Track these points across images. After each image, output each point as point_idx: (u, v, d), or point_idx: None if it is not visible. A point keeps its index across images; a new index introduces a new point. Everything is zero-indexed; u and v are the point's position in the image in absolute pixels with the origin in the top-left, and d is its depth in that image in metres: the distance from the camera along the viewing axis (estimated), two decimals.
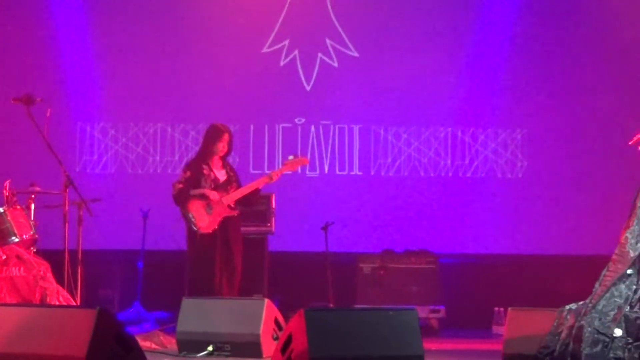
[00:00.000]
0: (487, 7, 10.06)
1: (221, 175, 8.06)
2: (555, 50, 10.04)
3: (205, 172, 7.99)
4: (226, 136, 8.08)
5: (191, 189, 7.95)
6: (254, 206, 8.34)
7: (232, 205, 7.98)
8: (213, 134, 8.10)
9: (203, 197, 7.94)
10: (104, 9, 9.99)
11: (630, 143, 5.96)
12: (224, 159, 8.16)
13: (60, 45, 9.93)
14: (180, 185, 7.98)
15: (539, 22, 10.05)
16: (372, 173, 10.14)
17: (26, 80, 9.32)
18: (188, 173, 8.02)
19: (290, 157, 8.32)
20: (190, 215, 7.94)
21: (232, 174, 8.15)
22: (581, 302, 5.59)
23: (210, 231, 7.90)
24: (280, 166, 8.29)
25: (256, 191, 8.11)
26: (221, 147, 8.06)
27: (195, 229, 7.92)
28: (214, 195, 7.93)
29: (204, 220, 7.92)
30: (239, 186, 8.08)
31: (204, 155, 8.11)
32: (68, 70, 9.92)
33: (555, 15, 10.04)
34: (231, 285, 7.96)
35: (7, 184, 7.31)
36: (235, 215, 8.01)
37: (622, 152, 6.26)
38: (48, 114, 7.45)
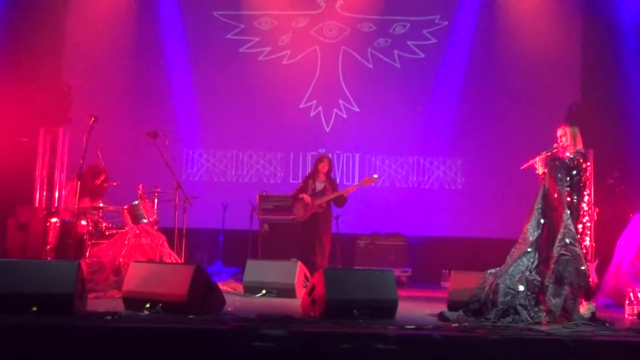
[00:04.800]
0: (441, 77, 9.99)
1: (319, 186, 8.03)
2: (486, 105, 9.94)
3: (309, 185, 8.02)
4: (325, 160, 8.10)
5: (300, 194, 8.01)
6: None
7: (322, 205, 7.92)
8: (318, 160, 8.15)
9: (303, 199, 7.97)
10: (203, 75, 9.98)
11: (522, 167, 5.95)
12: (327, 174, 8.11)
13: (175, 98, 9.93)
14: (296, 191, 8.11)
15: (474, 91, 10.00)
16: None
17: (152, 120, 9.32)
18: (301, 184, 8.17)
19: (375, 175, 8.22)
20: (295, 209, 8.04)
21: (329, 184, 8.07)
22: (498, 268, 5.58)
23: (302, 220, 7.95)
24: (357, 182, 8.11)
25: (341, 197, 7.98)
26: (321, 167, 8.06)
27: (295, 217, 8.03)
28: (307, 198, 7.94)
29: (300, 212, 7.98)
30: (334, 191, 7.98)
31: (313, 172, 8.15)
32: (179, 115, 9.92)
33: (487, 83, 9.99)
34: (322, 254, 7.86)
35: (140, 186, 7.40)
36: (321, 211, 7.92)
37: (525, 173, 6.19)
38: (167, 143, 7.56)
